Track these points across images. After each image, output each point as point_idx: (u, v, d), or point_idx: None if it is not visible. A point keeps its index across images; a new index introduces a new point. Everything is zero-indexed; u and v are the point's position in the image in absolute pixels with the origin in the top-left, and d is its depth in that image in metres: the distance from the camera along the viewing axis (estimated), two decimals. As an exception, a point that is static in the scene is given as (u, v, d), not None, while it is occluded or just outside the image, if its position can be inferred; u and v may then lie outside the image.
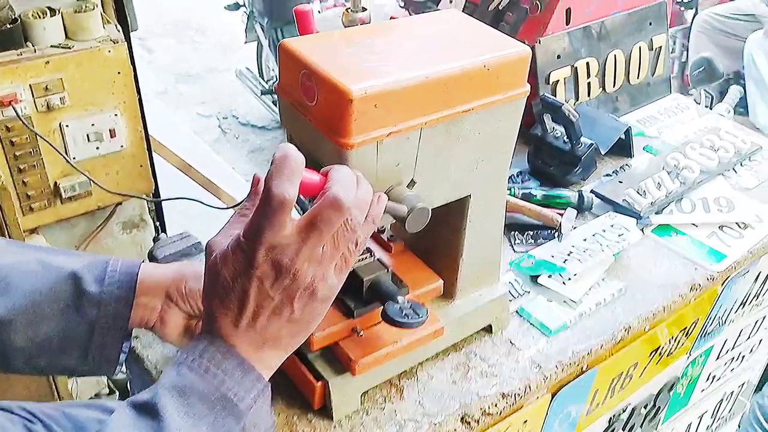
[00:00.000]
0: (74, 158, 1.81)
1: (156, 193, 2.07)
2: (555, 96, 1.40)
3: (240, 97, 4.58)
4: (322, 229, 0.59)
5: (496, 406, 0.90)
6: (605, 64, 1.49)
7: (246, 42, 4.26)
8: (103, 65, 1.75)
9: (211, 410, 0.57)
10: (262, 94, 4.12)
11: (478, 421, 0.88)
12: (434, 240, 0.95)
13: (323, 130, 0.71)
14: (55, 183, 1.82)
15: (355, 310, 0.83)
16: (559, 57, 1.41)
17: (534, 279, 1.07)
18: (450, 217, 0.90)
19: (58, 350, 0.73)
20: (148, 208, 2.15)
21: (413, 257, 0.94)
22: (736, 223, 1.22)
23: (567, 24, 1.41)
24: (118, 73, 1.78)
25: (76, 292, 0.72)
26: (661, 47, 1.59)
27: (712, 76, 3.14)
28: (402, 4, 2.09)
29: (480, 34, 0.82)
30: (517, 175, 1.33)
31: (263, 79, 4.28)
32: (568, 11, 1.40)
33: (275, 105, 3.97)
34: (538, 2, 1.39)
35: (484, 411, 0.89)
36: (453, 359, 0.94)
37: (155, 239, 2.17)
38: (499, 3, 1.45)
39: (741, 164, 1.39)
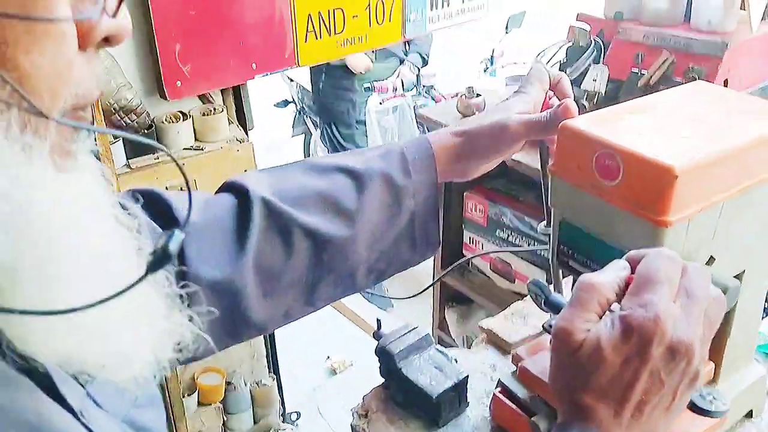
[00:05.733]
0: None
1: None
2: None
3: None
4: (700, 303, 0.54)
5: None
6: None
7: (293, 136, 4.33)
8: (232, 164, 1.77)
9: None
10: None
11: None
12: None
13: (631, 208, 0.68)
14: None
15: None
16: None
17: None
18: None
19: (391, 248, 0.80)
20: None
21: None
22: None
23: None
24: (245, 170, 1.79)
25: (393, 190, 0.78)
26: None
27: None
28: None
29: (743, 101, 0.80)
30: None
31: None
32: None
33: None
34: None
35: None
36: (723, 451, 0.86)
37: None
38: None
39: None
